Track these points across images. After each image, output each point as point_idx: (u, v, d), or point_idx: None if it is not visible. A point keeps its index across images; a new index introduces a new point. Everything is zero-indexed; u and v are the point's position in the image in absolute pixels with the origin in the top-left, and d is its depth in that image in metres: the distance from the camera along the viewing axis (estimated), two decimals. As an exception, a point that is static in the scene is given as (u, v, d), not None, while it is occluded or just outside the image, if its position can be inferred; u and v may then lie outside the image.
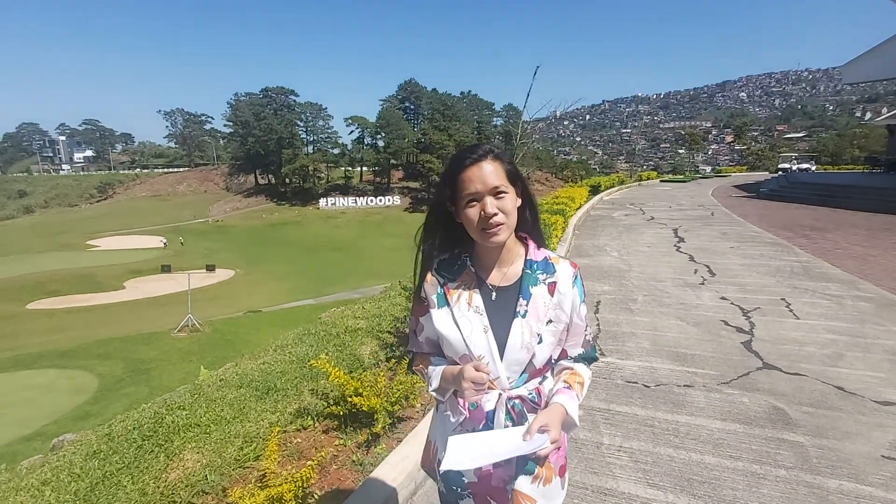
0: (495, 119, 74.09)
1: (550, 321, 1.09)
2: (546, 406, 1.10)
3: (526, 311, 1.07)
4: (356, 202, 65.01)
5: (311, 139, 71.77)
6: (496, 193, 1.02)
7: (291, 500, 1.95)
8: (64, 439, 3.92)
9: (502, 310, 1.09)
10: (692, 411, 2.98)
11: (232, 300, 27.40)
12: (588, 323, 1.19)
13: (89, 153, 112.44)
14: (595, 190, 19.15)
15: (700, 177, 33.52)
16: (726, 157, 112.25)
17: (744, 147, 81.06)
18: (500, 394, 1.09)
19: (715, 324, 4.34)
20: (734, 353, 3.76)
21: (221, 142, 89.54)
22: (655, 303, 5.05)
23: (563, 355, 1.20)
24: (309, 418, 2.90)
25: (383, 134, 65.86)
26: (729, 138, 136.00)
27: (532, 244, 1.15)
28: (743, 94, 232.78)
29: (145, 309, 25.89)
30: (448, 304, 1.11)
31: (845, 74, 21.82)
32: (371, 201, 65.03)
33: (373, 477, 2.27)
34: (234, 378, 3.48)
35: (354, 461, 2.51)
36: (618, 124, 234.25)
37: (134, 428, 2.73)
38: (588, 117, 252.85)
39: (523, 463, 1.11)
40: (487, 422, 1.09)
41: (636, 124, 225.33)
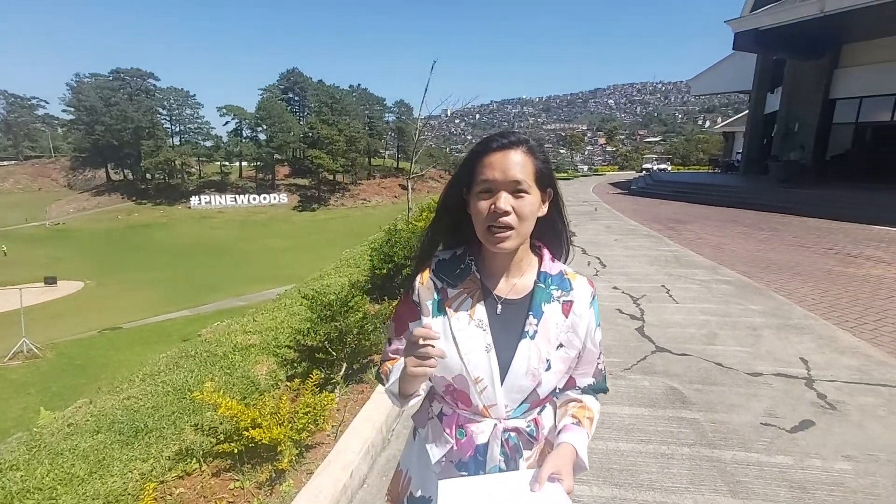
0: (387, 115, 73.31)
1: (562, 345, 0.94)
2: (549, 444, 0.97)
3: (536, 332, 0.92)
4: (236, 200, 59.45)
5: (178, 130, 63.62)
6: (515, 190, 0.86)
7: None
8: None
9: (508, 327, 0.93)
10: (603, 399, 3.06)
11: (82, 317, 23.19)
12: (602, 351, 1.03)
13: None
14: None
15: (581, 175, 36.93)
16: (600, 158, 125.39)
17: (614, 149, 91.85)
18: (496, 424, 0.93)
19: (612, 312, 4.64)
20: (631, 340, 4.03)
21: (60, 130, 75.09)
22: (556, 295, 5.27)
23: (571, 384, 1.03)
24: (194, 461, 2.40)
25: (265, 126, 60.87)
26: (602, 140, 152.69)
27: (547, 254, 0.99)
28: (611, 101, 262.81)
29: (-44, 336, 20.69)
30: (445, 314, 0.94)
31: (693, 87, 25.62)
32: (254, 199, 59.98)
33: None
34: (89, 420, 2.78)
35: (256, 507, 2.12)
36: (506, 124, 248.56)
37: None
38: (478, 116, 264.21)
39: None
40: (478, 455, 0.93)
41: (522, 125, 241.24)
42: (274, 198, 60.73)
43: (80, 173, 64.72)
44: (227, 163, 64.45)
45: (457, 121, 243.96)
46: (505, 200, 0.84)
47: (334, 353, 3.12)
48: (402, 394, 0.92)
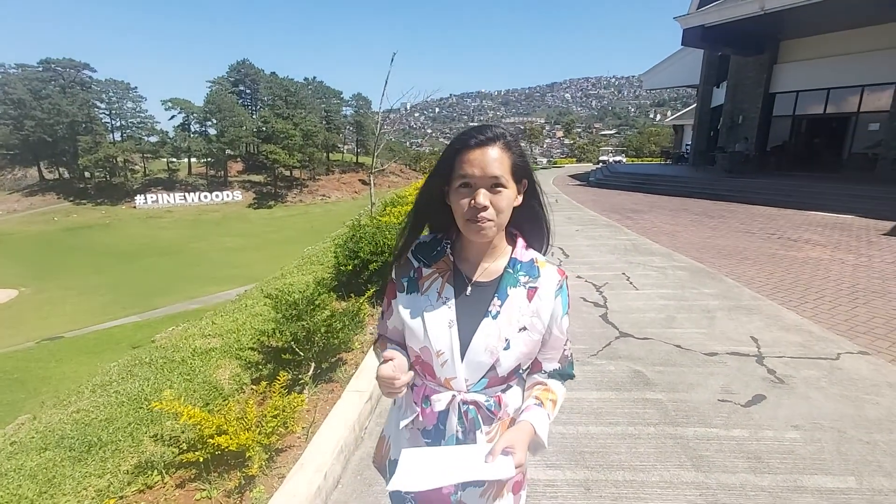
0: (345, 108, 71.68)
1: (524, 328, 0.98)
2: (512, 422, 1.02)
3: (499, 313, 0.97)
4: (185, 199, 56.48)
5: (119, 125, 59.45)
6: (493, 185, 0.91)
7: None
8: None
9: (474, 307, 0.99)
10: (572, 385, 3.15)
11: (16, 327, 21.48)
12: (569, 337, 1.09)
13: None
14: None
15: (540, 167, 37.63)
16: (558, 150, 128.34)
17: (572, 142, 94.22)
18: (454, 395, 0.99)
19: (577, 301, 4.76)
20: (596, 326, 4.15)
21: (-18, 125, 68.91)
22: (522, 286, 5.35)
23: (537, 368, 1.09)
24: (155, 473, 2.27)
25: (215, 121, 57.92)
26: (559, 133, 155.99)
27: (521, 242, 1.05)
28: (568, 95, 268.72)
29: None
30: (417, 291, 1.02)
31: (645, 81, 26.54)
32: (205, 197, 57.17)
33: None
34: (34, 437, 2.58)
35: (226, 516, 2.03)
36: (465, 118, 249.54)
37: None
38: (438, 110, 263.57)
39: None
40: (439, 423, 1.01)
41: (482, 118, 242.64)
42: (227, 195, 58.14)
43: (9, 172, 59.51)
44: (175, 159, 60.99)
45: (416, 114, 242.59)
46: (483, 196, 0.89)
47: (301, 354, 3.03)
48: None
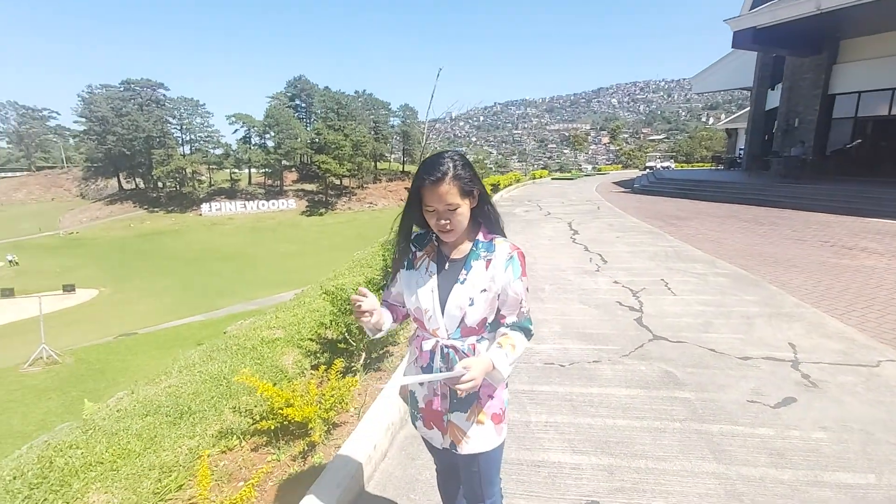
0: (392, 119, 73.78)
1: (484, 290, 1.35)
2: None
3: (465, 280, 1.35)
4: (245, 207, 60.21)
5: (188, 138, 64.72)
6: (449, 209, 1.28)
7: (236, 525, 1.82)
8: None
9: (450, 277, 1.38)
10: (602, 383, 3.34)
11: (98, 324, 23.71)
12: (525, 297, 1.41)
13: None
14: (495, 188, 20.39)
15: (584, 174, 36.94)
16: (604, 157, 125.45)
17: (618, 147, 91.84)
18: (438, 341, 1.39)
19: (612, 305, 4.88)
20: (629, 329, 4.27)
21: (71, 141, 76.24)
22: (561, 290, 5.52)
23: (502, 320, 1.42)
24: (234, 438, 2.70)
25: (272, 133, 61.72)
26: (605, 139, 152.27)
27: (484, 229, 1.43)
28: (614, 100, 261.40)
29: (-24, 344, 21.24)
30: (413, 268, 1.44)
31: (694, 85, 25.72)
32: (263, 205, 60.71)
33: (317, 486, 2.19)
34: (135, 407, 3.09)
35: (291, 475, 2.40)
36: (509, 126, 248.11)
37: (14, 478, 2.29)
38: (482, 118, 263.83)
39: (458, 401, 1.40)
40: (430, 361, 1.41)
41: (526, 126, 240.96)
42: (282, 203, 61.46)
43: (93, 183, 65.90)
44: (237, 170, 65.37)
45: (461, 123, 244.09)
46: (443, 215, 1.29)
47: (354, 344, 3.41)
48: (371, 330, 1.44)
